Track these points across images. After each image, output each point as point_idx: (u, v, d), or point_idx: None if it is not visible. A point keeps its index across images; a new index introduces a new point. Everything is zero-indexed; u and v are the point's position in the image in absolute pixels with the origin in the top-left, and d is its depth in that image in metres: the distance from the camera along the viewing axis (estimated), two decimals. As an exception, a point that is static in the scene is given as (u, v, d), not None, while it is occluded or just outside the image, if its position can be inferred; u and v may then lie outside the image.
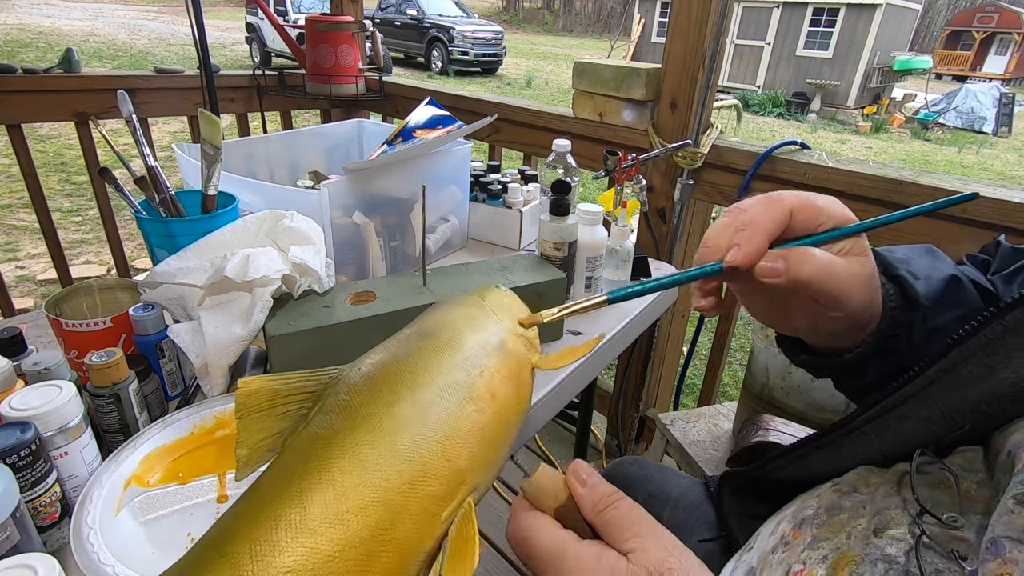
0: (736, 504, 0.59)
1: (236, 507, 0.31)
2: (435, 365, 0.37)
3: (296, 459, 0.32)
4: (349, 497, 0.30)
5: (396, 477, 0.31)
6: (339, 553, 0.29)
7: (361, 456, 0.32)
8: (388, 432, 0.33)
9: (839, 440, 0.45)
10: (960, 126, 10.37)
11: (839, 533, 0.40)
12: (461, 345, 0.39)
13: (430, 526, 0.32)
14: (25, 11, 13.69)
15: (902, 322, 0.42)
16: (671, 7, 1.24)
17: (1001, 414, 0.36)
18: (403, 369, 0.37)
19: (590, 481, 0.34)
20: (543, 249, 0.83)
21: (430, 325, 0.42)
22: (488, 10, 27.98)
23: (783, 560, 0.42)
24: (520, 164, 1.66)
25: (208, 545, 0.30)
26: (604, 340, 0.84)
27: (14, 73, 1.45)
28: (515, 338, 0.42)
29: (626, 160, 1.04)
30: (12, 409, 0.48)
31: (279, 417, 0.36)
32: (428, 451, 0.33)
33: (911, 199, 1.02)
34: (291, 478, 0.31)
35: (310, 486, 0.30)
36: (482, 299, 0.45)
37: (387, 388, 0.35)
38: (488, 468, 0.36)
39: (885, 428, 0.42)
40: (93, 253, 3.13)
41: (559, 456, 1.72)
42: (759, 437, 1.00)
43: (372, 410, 0.34)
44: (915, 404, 0.40)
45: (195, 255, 0.66)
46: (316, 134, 1.19)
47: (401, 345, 0.40)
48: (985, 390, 0.36)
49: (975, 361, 0.36)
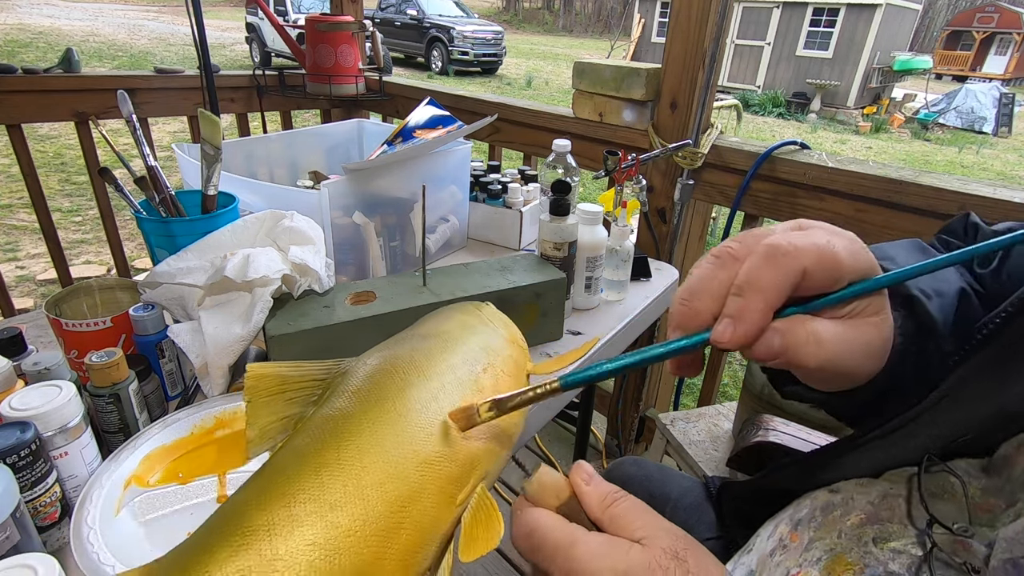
0: (736, 509, 0.59)
1: (248, 485, 0.31)
2: (441, 360, 0.38)
3: (311, 439, 0.32)
4: (368, 472, 0.30)
5: (413, 456, 0.31)
6: (359, 528, 0.28)
7: (379, 434, 0.32)
8: (403, 414, 0.33)
9: (845, 454, 0.44)
10: (960, 126, 10.37)
11: (832, 532, 0.39)
12: (464, 344, 0.40)
13: (447, 508, 0.32)
14: (25, 11, 13.69)
15: (911, 351, 0.37)
16: (671, 7, 1.24)
17: (1011, 426, 0.35)
18: (411, 362, 0.37)
19: (594, 480, 0.33)
20: (543, 249, 0.83)
21: (431, 329, 0.42)
22: (488, 10, 27.97)
23: (781, 563, 0.42)
24: (520, 164, 1.66)
25: (221, 520, 0.29)
26: (599, 343, 0.84)
27: (14, 73, 1.45)
28: (512, 344, 0.43)
29: (626, 160, 1.04)
30: (12, 409, 0.48)
31: (288, 402, 0.36)
32: (442, 432, 0.33)
33: (911, 199, 1.02)
34: (306, 456, 0.31)
35: (327, 461, 0.30)
36: (479, 310, 0.47)
37: (398, 376, 0.36)
38: (496, 458, 0.37)
39: (891, 445, 0.40)
40: (93, 253, 3.13)
41: (559, 456, 1.72)
42: (759, 437, 1.00)
43: (386, 394, 0.34)
44: (924, 422, 0.37)
45: (195, 255, 0.66)
46: (316, 134, 1.19)
47: (404, 344, 0.40)
48: (994, 406, 0.34)
49: (984, 376, 0.35)
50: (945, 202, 0.99)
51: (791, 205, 1.20)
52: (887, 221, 1.07)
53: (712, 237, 3.69)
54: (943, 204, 0.99)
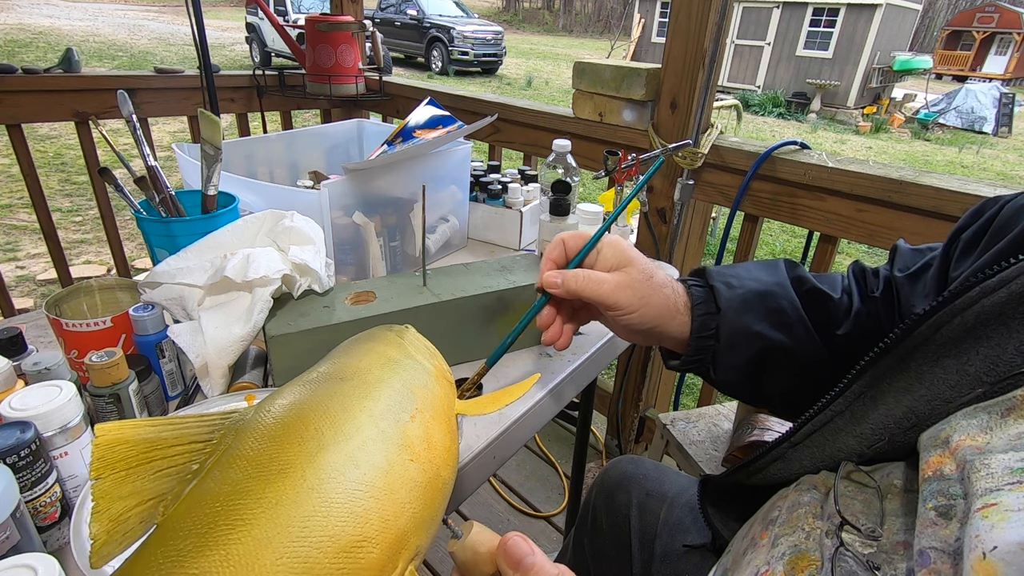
0: (719, 509, 0.60)
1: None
2: (361, 410, 0.31)
3: (188, 530, 0.24)
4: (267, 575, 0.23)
5: (329, 544, 0.25)
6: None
7: (281, 518, 0.24)
8: (314, 488, 0.26)
9: (787, 452, 0.47)
10: (960, 126, 10.37)
11: (796, 530, 0.41)
12: (387, 387, 0.34)
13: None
14: (25, 11, 13.69)
15: (710, 326, 0.52)
16: (671, 7, 1.24)
17: (921, 427, 0.37)
18: (323, 414, 0.30)
19: (526, 563, 0.29)
20: (543, 249, 0.83)
21: (347, 367, 0.36)
22: (488, 10, 27.97)
23: (751, 561, 0.43)
24: (520, 164, 1.66)
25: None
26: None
27: (14, 73, 1.45)
28: (440, 379, 0.38)
29: (626, 160, 1.04)
30: (12, 409, 0.48)
31: (156, 475, 0.27)
32: (364, 509, 0.26)
33: (911, 199, 1.02)
34: (182, 557, 0.23)
35: (209, 568, 0.22)
36: (400, 338, 0.40)
37: (308, 435, 0.28)
38: (428, 528, 0.31)
39: (823, 441, 0.44)
40: (93, 253, 3.13)
41: (559, 456, 1.72)
42: (754, 436, 1.01)
43: (292, 461, 0.27)
44: (845, 419, 0.42)
45: (195, 255, 0.66)
46: (316, 134, 1.19)
47: (316, 388, 0.33)
48: (906, 406, 0.37)
49: (892, 377, 0.38)
50: (946, 202, 0.99)
51: (791, 205, 1.20)
52: (887, 221, 1.07)
53: (712, 237, 3.69)
54: (944, 204, 0.99)
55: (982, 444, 0.31)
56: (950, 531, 0.30)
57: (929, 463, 0.33)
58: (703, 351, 0.53)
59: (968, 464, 0.30)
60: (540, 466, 1.71)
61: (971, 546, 0.27)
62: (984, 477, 0.29)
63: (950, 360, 0.35)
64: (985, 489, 0.28)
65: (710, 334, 0.52)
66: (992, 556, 0.25)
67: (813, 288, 0.54)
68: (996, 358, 0.33)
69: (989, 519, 0.27)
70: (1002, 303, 0.33)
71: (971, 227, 0.46)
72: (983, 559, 0.25)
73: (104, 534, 0.25)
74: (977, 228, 0.45)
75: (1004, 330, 0.33)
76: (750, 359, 0.52)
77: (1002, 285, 0.33)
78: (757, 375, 0.53)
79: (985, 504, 0.28)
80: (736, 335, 0.51)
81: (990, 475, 0.29)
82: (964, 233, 0.46)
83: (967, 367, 0.34)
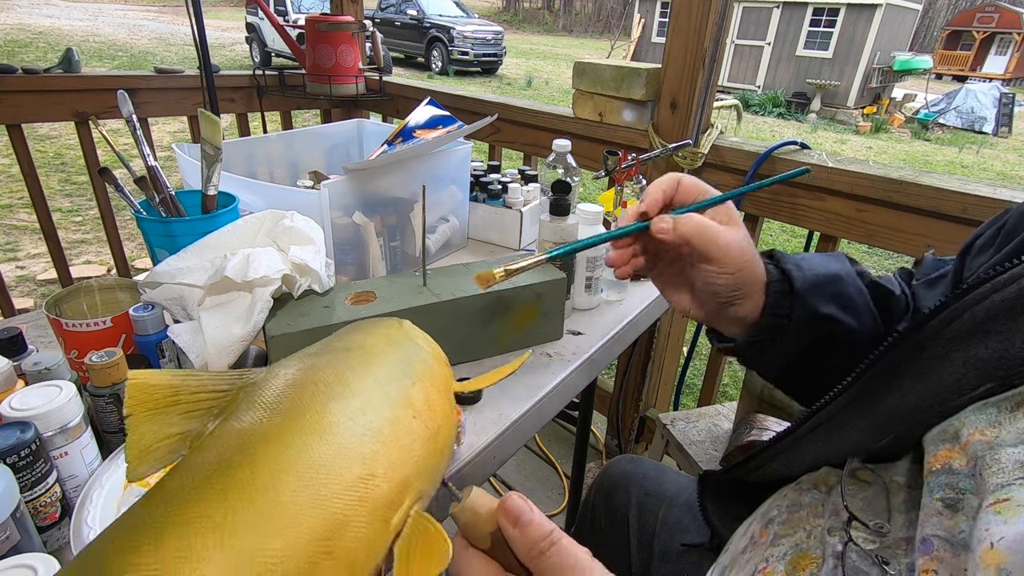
0: (718, 507, 0.60)
1: (135, 510, 0.25)
2: (366, 374, 0.34)
3: (215, 456, 0.27)
4: (287, 494, 0.25)
5: (340, 476, 0.27)
6: (276, 563, 0.23)
7: (298, 453, 0.27)
8: (326, 430, 0.29)
9: (791, 447, 0.47)
10: (960, 126, 10.37)
11: (798, 530, 0.41)
12: (389, 359, 0.36)
13: (380, 533, 0.28)
14: (25, 11, 13.69)
15: (784, 305, 0.50)
16: (671, 7, 1.24)
17: (928, 423, 0.37)
18: (334, 375, 0.33)
19: (523, 519, 0.31)
20: (543, 249, 0.83)
21: (352, 342, 0.38)
22: (488, 10, 27.97)
23: (750, 559, 0.43)
24: (520, 164, 1.66)
25: (97, 558, 0.24)
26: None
27: (14, 73, 1.45)
28: (438, 361, 0.40)
29: (626, 160, 1.04)
30: (12, 409, 0.48)
31: (183, 416, 0.30)
32: (372, 451, 0.29)
33: (912, 199, 1.03)
34: (210, 475, 0.26)
35: (237, 482, 0.25)
36: (399, 324, 0.43)
37: (321, 388, 0.31)
38: (431, 477, 0.33)
39: (828, 436, 0.44)
40: (93, 253, 3.13)
41: (559, 456, 1.72)
42: (752, 436, 1.01)
43: (308, 406, 0.30)
44: (852, 413, 0.42)
45: (195, 255, 0.66)
46: (316, 134, 1.19)
47: (322, 355, 0.36)
48: (914, 400, 0.38)
49: (902, 370, 0.39)
50: (946, 202, 0.99)
51: (791, 205, 1.20)
52: (887, 221, 1.08)
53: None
54: (944, 204, 0.99)
55: (991, 438, 0.31)
56: (955, 522, 0.30)
57: (937, 456, 0.33)
58: (770, 331, 0.51)
59: (980, 460, 0.31)
60: (540, 466, 1.71)
61: (980, 538, 0.27)
62: (995, 472, 0.29)
63: (959, 354, 0.35)
64: (996, 484, 0.29)
65: (785, 313, 0.50)
66: (999, 545, 0.26)
67: (875, 282, 0.54)
68: (1005, 352, 0.33)
69: (1002, 514, 0.27)
70: (1012, 298, 0.33)
71: (986, 233, 0.47)
72: (991, 548, 0.26)
73: (136, 460, 0.29)
74: (991, 232, 0.46)
75: (1013, 325, 0.33)
76: (815, 342, 0.50)
77: (1012, 281, 0.34)
78: (814, 360, 0.52)
79: (997, 499, 0.28)
80: (810, 315, 0.49)
81: (1000, 469, 0.29)
82: (980, 239, 0.47)
83: (976, 361, 0.34)
